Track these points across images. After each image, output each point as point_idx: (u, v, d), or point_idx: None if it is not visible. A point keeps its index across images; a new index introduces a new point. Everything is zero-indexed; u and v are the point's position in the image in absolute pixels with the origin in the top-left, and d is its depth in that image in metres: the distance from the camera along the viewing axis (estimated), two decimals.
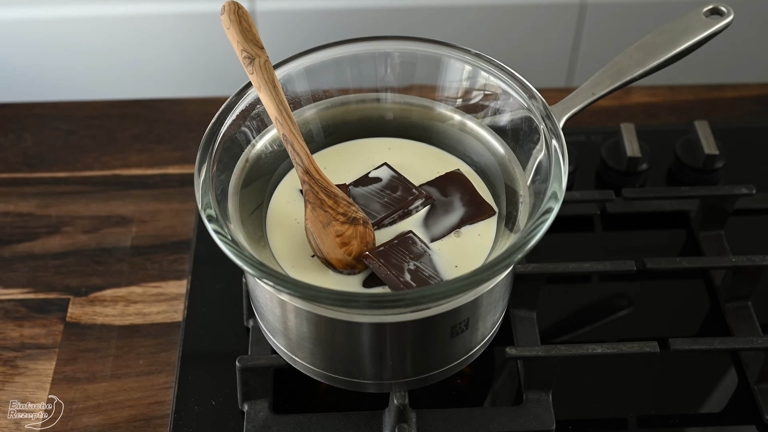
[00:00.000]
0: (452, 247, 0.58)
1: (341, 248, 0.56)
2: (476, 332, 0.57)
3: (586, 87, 0.60)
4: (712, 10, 0.62)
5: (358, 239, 0.56)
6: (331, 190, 0.57)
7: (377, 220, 0.58)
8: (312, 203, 0.56)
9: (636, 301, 0.72)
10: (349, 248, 0.56)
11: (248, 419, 0.62)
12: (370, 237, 0.57)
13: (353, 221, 0.56)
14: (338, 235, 0.56)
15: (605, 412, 0.64)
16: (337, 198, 0.57)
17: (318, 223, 0.56)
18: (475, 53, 0.61)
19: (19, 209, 0.78)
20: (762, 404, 0.64)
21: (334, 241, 0.56)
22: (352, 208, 0.57)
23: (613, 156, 0.80)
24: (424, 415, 0.62)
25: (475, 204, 0.60)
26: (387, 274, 0.54)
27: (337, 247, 0.56)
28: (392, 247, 0.56)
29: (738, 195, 0.72)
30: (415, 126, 0.64)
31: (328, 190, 0.57)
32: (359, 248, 0.56)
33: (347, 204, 0.57)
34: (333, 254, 0.56)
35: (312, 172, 0.56)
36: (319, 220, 0.56)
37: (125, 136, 0.85)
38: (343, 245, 0.56)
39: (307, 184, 0.56)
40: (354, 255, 0.56)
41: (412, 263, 0.55)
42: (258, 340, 0.65)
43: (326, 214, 0.56)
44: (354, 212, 0.57)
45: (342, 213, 0.56)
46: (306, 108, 0.63)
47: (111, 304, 0.71)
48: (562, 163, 0.54)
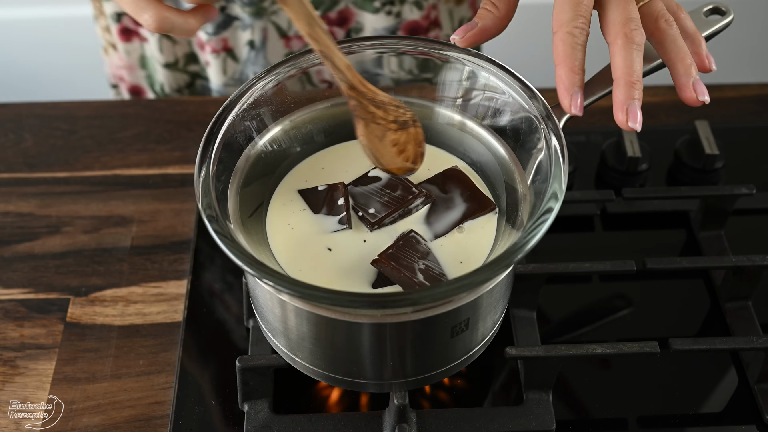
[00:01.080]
0: (456, 243, 0.58)
1: (399, 156, 0.56)
2: (476, 332, 0.57)
3: (587, 87, 0.60)
4: (712, 9, 0.62)
5: (412, 143, 0.56)
6: (379, 99, 0.55)
7: (378, 219, 0.58)
8: (364, 119, 0.54)
9: (636, 301, 0.72)
10: (407, 154, 0.56)
11: (248, 419, 0.62)
12: (420, 136, 0.57)
13: (404, 125, 0.55)
14: (394, 145, 0.55)
15: (605, 412, 0.64)
16: (386, 106, 0.55)
17: (374, 138, 0.55)
18: (475, 53, 0.61)
19: (19, 209, 0.78)
20: (762, 404, 0.64)
21: (392, 150, 0.55)
22: (400, 110, 0.56)
23: (613, 156, 0.80)
24: (424, 415, 0.62)
25: (476, 199, 0.60)
26: (401, 276, 0.54)
27: (396, 156, 0.56)
28: (399, 248, 0.56)
29: (738, 195, 0.72)
30: None
31: (375, 100, 0.55)
32: (414, 151, 0.57)
33: (395, 108, 0.55)
34: (393, 164, 0.57)
35: (357, 86, 0.54)
36: (374, 134, 0.55)
37: (125, 136, 0.85)
38: (401, 153, 0.56)
39: (354, 99, 0.54)
40: (411, 159, 0.56)
41: (421, 262, 0.55)
42: (258, 340, 0.65)
43: (379, 126, 0.55)
44: (403, 114, 0.56)
45: (393, 120, 0.55)
46: (306, 108, 0.63)
47: (111, 304, 0.71)
48: (563, 163, 0.54)
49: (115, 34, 0.96)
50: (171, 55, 0.95)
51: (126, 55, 0.98)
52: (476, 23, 0.58)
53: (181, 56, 0.96)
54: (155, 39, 0.94)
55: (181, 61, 0.96)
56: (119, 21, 0.94)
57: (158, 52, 0.95)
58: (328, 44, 0.53)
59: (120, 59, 0.99)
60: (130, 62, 0.98)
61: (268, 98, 0.60)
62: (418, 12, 0.91)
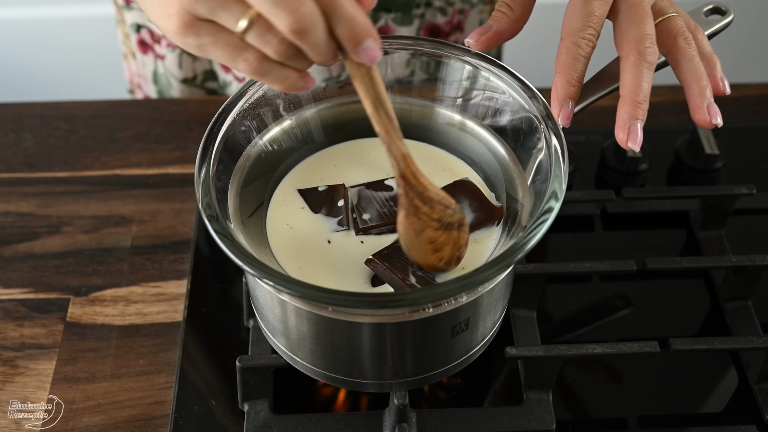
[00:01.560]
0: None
1: (433, 254, 0.54)
2: (476, 332, 0.57)
3: (587, 87, 0.60)
4: (712, 9, 0.62)
5: (450, 245, 0.54)
6: (428, 195, 0.53)
7: (366, 227, 0.58)
8: (406, 209, 0.53)
9: (636, 301, 0.72)
10: (441, 254, 0.54)
11: (248, 419, 0.62)
12: (463, 240, 0.54)
13: (448, 227, 0.53)
14: (431, 242, 0.53)
15: (605, 412, 0.64)
16: (433, 203, 0.53)
17: (411, 231, 0.53)
18: (475, 53, 0.61)
19: (20, 209, 0.78)
20: (762, 404, 0.64)
21: (426, 248, 0.54)
22: (448, 212, 0.53)
23: (614, 156, 0.80)
24: (424, 415, 0.62)
25: (484, 210, 0.59)
26: (392, 278, 0.54)
27: (430, 254, 0.54)
28: (395, 249, 0.56)
29: (738, 195, 0.72)
30: (415, 126, 0.64)
31: (424, 195, 0.52)
32: (451, 253, 0.54)
33: (443, 208, 0.53)
34: (424, 260, 0.54)
35: (408, 177, 0.52)
36: (413, 227, 0.53)
37: (125, 136, 0.85)
38: (435, 252, 0.54)
39: (402, 188, 0.52)
40: (445, 261, 0.54)
41: (416, 266, 0.55)
42: (258, 340, 0.65)
43: (420, 221, 0.53)
44: (449, 216, 0.53)
45: (437, 219, 0.53)
46: (306, 108, 0.63)
47: (111, 304, 0.71)
48: (563, 163, 0.54)
49: (134, 44, 0.96)
50: (190, 71, 0.95)
51: (142, 66, 0.97)
52: (491, 26, 0.57)
53: (200, 72, 0.96)
54: (175, 55, 0.93)
55: (200, 77, 0.96)
56: (138, 32, 0.93)
57: (177, 67, 0.94)
58: (389, 129, 0.50)
59: (137, 68, 0.98)
60: (144, 74, 0.98)
61: (268, 98, 0.60)
62: (441, 17, 0.91)
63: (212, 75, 0.96)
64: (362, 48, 0.45)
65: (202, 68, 0.95)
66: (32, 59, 1.49)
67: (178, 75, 0.95)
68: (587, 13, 0.53)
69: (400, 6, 0.88)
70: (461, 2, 0.91)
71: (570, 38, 0.53)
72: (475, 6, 0.92)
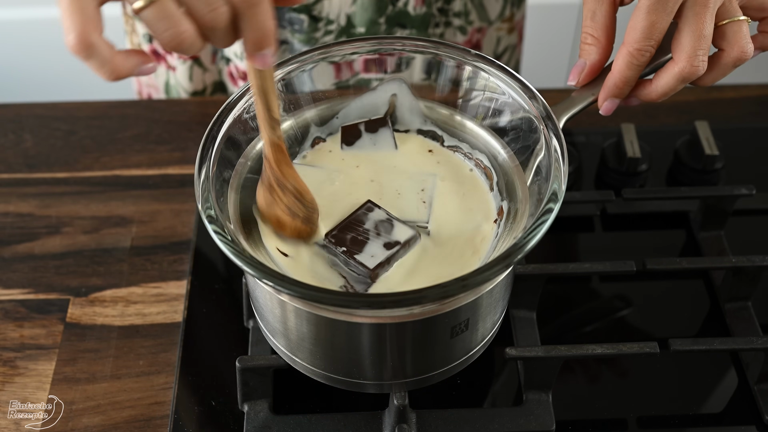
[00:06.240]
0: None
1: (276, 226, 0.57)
2: (476, 332, 0.57)
3: (587, 87, 0.60)
4: None
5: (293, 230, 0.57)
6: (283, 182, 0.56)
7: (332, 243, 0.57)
8: (264, 183, 0.57)
9: (636, 301, 0.72)
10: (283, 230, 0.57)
11: (248, 419, 0.62)
12: (306, 233, 0.58)
13: (293, 216, 0.57)
14: (276, 218, 0.57)
15: (605, 412, 0.64)
16: (286, 191, 0.57)
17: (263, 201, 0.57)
18: (475, 53, 0.61)
19: (19, 209, 0.78)
20: (762, 404, 0.64)
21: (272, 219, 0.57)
22: (298, 204, 0.57)
23: (613, 156, 0.80)
24: (424, 415, 0.62)
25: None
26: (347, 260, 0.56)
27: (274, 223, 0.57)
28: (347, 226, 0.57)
29: (738, 195, 0.72)
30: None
31: (280, 181, 0.56)
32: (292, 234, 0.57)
33: (295, 200, 0.57)
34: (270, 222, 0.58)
35: (270, 161, 0.55)
36: (264, 199, 0.57)
37: (125, 136, 0.85)
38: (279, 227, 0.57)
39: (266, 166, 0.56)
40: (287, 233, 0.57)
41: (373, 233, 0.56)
42: (258, 341, 0.65)
43: (271, 198, 0.56)
44: (299, 209, 0.57)
45: (286, 205, 0.56)
46: (306, 108, 0.63)
47: (111, 304, 0.71)
48: (562, 163, 0.54)
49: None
50: (200, 83, 0.95)
51: (154, 76, 0.97)
52: (584, 62, 0.59)
53: (210, 83, 0.95)
54: (185, 67, 0.93)
55: (209, 89, 0.96)
56: (151, 42, 0.93)
57: (187, 80, 0.94)
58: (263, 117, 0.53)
59: (149, 78, 0.98)
60: (156, 84, 0.98)
61: None
62: (462, 36, 0.91)
63: (221, 86, 0.96)
64: (260, 54, 0.47)
65: (212, 79, 0.95)
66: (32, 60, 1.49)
67: (188, 87, 0.95)
68: (649, 26, 0.55)
69: (415, 23, 0.88)
70: (479, 21, 0.90)
71: (628, 47, 0.56)
72: (493, 24, 0.92)
